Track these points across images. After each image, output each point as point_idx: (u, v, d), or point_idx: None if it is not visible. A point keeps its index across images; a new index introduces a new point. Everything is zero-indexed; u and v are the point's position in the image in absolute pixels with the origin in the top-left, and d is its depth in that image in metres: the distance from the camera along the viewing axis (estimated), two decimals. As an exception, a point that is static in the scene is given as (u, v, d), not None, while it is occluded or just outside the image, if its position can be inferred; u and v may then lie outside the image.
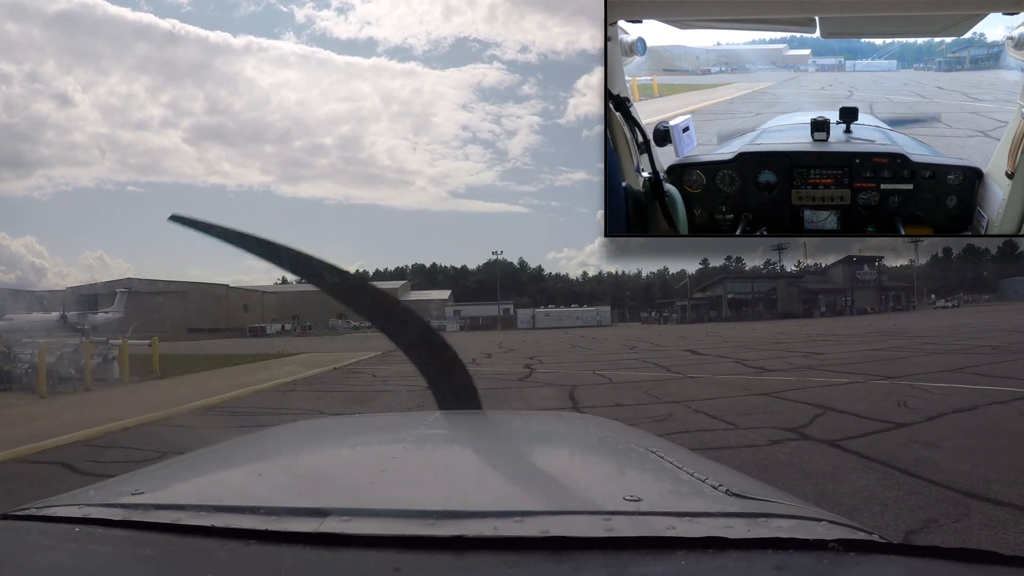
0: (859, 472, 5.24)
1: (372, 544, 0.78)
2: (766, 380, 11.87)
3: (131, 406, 10.53)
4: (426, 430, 1.74)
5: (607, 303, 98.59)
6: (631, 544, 0.75)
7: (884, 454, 5.74)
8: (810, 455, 5.81)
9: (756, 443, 6.34)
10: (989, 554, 0.72)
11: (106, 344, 15.85)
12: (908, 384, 10.30)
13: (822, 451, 5.96)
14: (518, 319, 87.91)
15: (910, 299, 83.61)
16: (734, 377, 12.61)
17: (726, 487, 1.04)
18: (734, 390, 10.52)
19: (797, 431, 6.86)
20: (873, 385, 10.53)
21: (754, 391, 10.25)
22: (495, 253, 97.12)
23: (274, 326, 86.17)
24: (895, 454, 5.73)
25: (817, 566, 0.72)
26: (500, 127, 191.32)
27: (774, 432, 6.82)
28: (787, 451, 5.99)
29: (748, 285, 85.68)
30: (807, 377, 11.92)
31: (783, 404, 8.82)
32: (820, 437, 6.52)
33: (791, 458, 5.74)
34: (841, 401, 8.80)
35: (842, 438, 6.42)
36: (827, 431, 6.81)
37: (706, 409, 8.56)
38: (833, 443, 6.25)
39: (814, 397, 9.26)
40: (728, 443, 6.39)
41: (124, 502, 1.01)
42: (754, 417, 7.83)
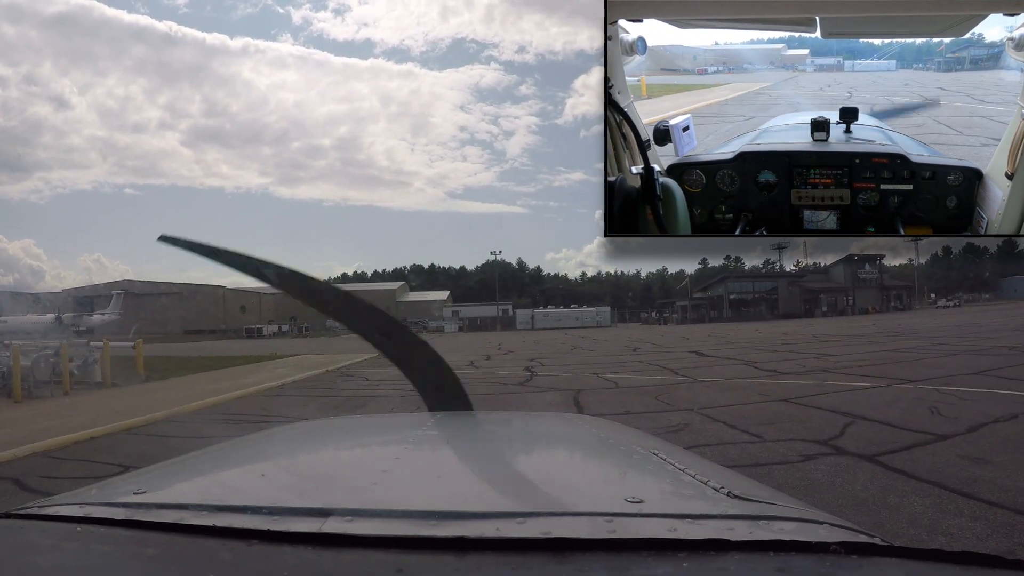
0: (912, 495, 4.64)
1: (374, 544, 0.78)
2: (782, 384, 11.22)
3: (105, 412, 9.84)
4: (428, 431, 1.72)
5: (606, 303, 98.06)
6: (633, 546, 0.75)
7: (933, 472, 5.17)
8: (852, 474, 5.16)
9: (788, 459, 5.68)
10: (991, 557, 0.72)
11: (87, 346, 15.15)
12: (935, 389, 9.71)
13: (864, 469, 5.30)
14: (517, 320, 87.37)
15: (911, 299, 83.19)
16: (747, 381, 11.93)
17: (728, 489, 1.03)
18: (750, 396, 9.85)
19: (829, 444, 6.21)
20: (898, 390, 9.90)
21: (772, 397, 9.58)
22: (493, 253, 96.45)
23: (271, 327, 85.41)
24: (945, 472, 5.17)
25: (819, 569, 0.72)
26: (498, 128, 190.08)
27: (804, 445, 6.16)
28: (824, 469, 5.33)
29: (749, 285, 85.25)
30: (826, 381, 11.25)
31: (807, 412, 8.15)
32: (857, 451, 5.87)
33: (831, 477, 5.08)
34: (868, 408, 8.18)
35: (881, 452, 5.79)
36: (863, 444, 6.17)
37: (725, 418, 7.88)
38: (873, 459, 5.62)
39: (838, 403, 8.62)
40: (756, 459, 5.72)
41: (126, 501, 1.01)
42: (779, 427, 7.16)
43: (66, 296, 62.77)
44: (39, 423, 9.06)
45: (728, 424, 7.49)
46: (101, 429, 8.23)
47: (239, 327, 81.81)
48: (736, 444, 6.39)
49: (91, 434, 7.96)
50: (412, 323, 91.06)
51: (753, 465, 5.43)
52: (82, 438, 7.77)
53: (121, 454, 6.70)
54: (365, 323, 2.18)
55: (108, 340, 15.78)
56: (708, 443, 6.40)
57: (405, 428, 1.95)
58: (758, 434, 6.81)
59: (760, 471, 5.20)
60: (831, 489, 4.77)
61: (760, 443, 6.40)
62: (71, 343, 15.03)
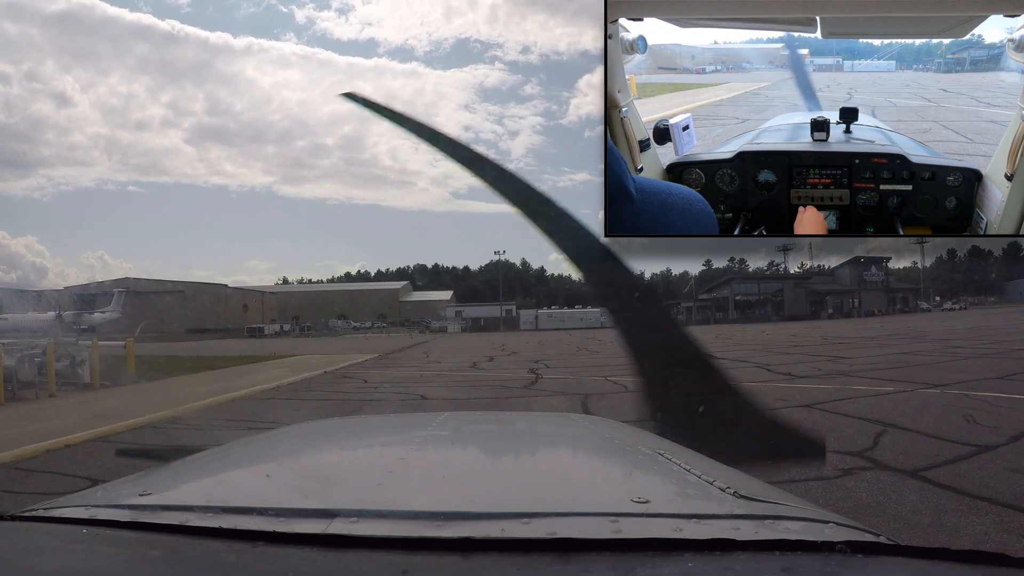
0: (968, 514, 4.18)
1: (380, 545, 0.78)
2: (802, 389, 10.65)
3: (88, 416, 9.29)
4: (433, 431, 1.69)
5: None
6: (639, 546, 0.75)
7: (985, 488, 4.70)
8: (897, 492, 4.64)
9: (822, 474, 5.12)
10: (997, 556, 0.71)
11: (75, 346, 14.60)
12: (964, 394, 9.20)
13: (909, 486, 4.78)
14: (521, 320, 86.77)
15: (917, 301, 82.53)
16: (764, 385, 11.35)
17: (733, 489, 1.02)
18: (771, 401, 9.27)
19: (865, 456, 5.68)
20: (925, 395, 9.37)
21: (793, 402, 9.01)
22: (497, 253, 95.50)
23: (272, 327, 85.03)
24: (997, 488, 4.70)
25: (825, 568, 0.72)
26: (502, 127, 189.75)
27: (839, 458, 5.60)
28: (866, 485, 4.81)
29: (754, 286, 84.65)
30: (846, 386, 10.68)
31: (834, 419, 7.60)
32: (897, 465, 5.35)
33: (875, 496, 4.56)
34: (898, 415, 7.65)
35: (925, 467, 5.27)
36: (901, 456, 5.65)
37: (746, 426, 7.32)
38: (916, 473, 5.11)
39: (866, 410, 8.08)
40: (789, 474, 5.15)
41: (132, 503, 1.01)
42: (807, 437, 6.59)
43: (68, 294, 62.51)
44: (16, 427, 8.55)
45: (751, 433, 6.93)
46: (79, 436, 7.69)
47: (241, 326, 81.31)
48: (763, 456, 5.83)
49: (66, 441, 7.42)
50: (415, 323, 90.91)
51: (787, 481, 4.87)
52: (56, 445, 7.23)
53: (93, 466, 6.17)
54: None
55: (97, 339, 15.26)
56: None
57: (410, 429, 1.91)
58: (785, 445, 6.26)
59: (797, 488, 4.63)
60: (879, 510, 4.25)
61: (789, 455, 5.84)
62: (58, 342, 14.49)
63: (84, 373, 13.77)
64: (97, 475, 5.67)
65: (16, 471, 6.21)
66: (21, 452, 6.91)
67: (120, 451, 5.42)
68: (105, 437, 7.80)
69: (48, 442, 7.29)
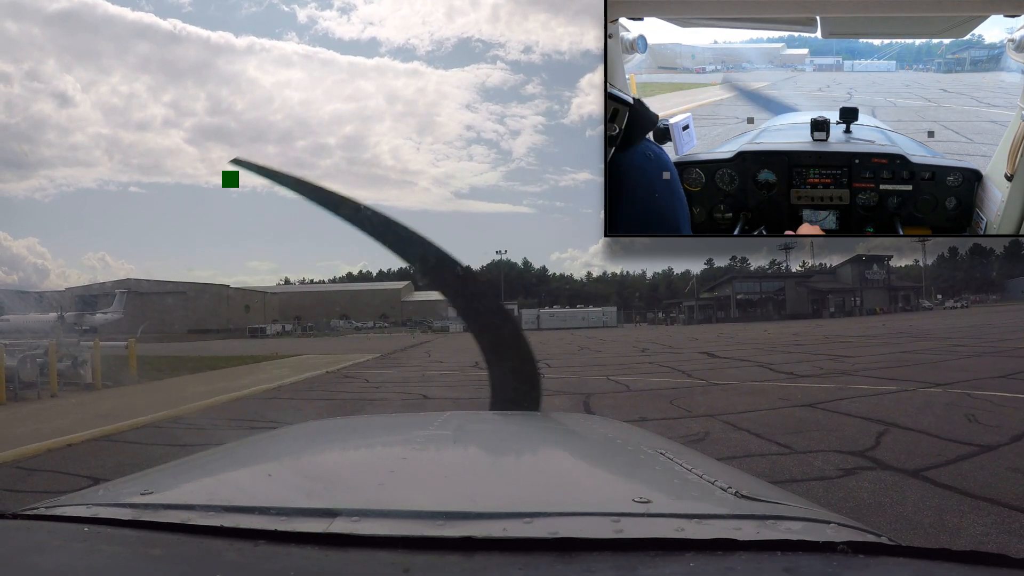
0: (970, 515, 4.15)
1: (381, 545, 0.78)
2: (803, 388, 10.63)
3: (89, 416, 9.32)
4: (435, 431, 1.67)
5: (612, 303, 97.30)
6: (640, 545, 0.75)
7: (988, 489, 4.66)
8: (898, 491, 4.62)
9: (824, 473, 5.13)
10: (998, 557, 0.72)
11: (77, 346, 14.63)
12: (965, 394, 9.15)
13: (911, 486, 4.76)
14: (522, 320, 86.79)
15: (919, 299, 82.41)
16: (765, 384, 11.34)
17: (735, 489, 1.02)
18: (772, 400, 9.27)
19: (867, 456, 5.66)
20: (926, 394, 9.34)
21: (794, 401, 8.99)
22: (499, 253, 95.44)
23: (274, 327, 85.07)
24: (1001, 488, 4.66)
25: (826, 568, 0.72)
26: (504, 127, 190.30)
27: (839, 457, 5.60)
28: (867, 486, 4.79)
29: (756, 285, 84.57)
30: (848, 385, 10.66)
31: (835, 419, 7.58)
32: (898, 465, 5.33)
33: (876, 496, 4.55)
34: (900, 414, 7.63)
35: (926, 466, 5.25)
36: (902, 455, 5.63)
37: (748, 426, 7.31)
38: (917, 473, 5.09)
39: (867, 409, 8.06)
40: (791, 474, 5.16)
41: (133, 502, 1.01)
42: (809, 436, 6.59)
43: (70, 295, 62.52)
44: (17, 427, 8.57)
45: (752, 432, 6.92)
46: (79, 435, 7.71)
47: (243, 327, 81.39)
48: (765, 456, 5.83)
49: (68, 440, 7.44)
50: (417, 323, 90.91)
51: (789, 481, 4.88)
52: (58, 444, 7.25)
53: (94, 465, 6.18)
54: (452, 286, 2.13)
55: (99, 340, 15.27)
56: (735, 455, 5.82)
57: (412, 428, 1.91)
58: (787, 444, 6.25)
59: (799, 487, 4.65)
60: (881, 510, 4.23)
61: (791, 455, 5.83)
62: (60, 342, 14.51)
63: (86, 373, 13.81)
64: (98, 474, 5.71)
65: (18, 470, 6.24)
66: (23, 451, 6.94)
67: None
68: (107, 436, 7.83)
69: (50, 441, 7.32)
